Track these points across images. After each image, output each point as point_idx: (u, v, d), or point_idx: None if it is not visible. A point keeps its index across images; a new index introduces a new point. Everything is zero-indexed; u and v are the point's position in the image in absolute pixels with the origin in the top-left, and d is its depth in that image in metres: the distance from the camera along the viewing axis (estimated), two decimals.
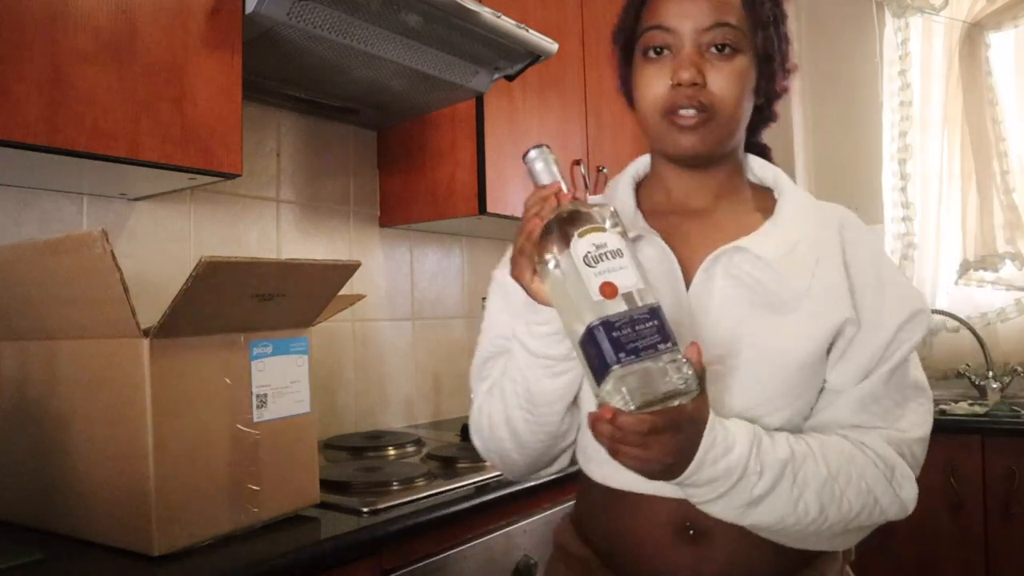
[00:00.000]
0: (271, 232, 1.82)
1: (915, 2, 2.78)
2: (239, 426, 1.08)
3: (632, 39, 0.87)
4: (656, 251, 0.84)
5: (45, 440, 1.10)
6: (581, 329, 0.65)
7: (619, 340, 0.62)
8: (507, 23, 1.55)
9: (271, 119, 1.83)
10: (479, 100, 1.86)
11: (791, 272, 0.81)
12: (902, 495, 0.79)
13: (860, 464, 0.78)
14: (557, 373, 0.81)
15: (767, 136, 0.97)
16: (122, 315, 0.96)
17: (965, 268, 2.70)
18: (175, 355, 1.01)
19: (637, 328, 0.63)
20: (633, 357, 0.62)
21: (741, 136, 0.88)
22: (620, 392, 0.63)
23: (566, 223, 0.68)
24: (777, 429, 0.80)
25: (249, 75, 1.42)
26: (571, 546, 0.92)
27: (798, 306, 0.80)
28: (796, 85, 2.89)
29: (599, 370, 0.64)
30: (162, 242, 1.60)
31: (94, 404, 1.04)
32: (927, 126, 2.83)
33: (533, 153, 0.75)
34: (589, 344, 0.64)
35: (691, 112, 0.81)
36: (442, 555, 1.24)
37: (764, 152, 0.97)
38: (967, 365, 2.65)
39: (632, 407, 0.63)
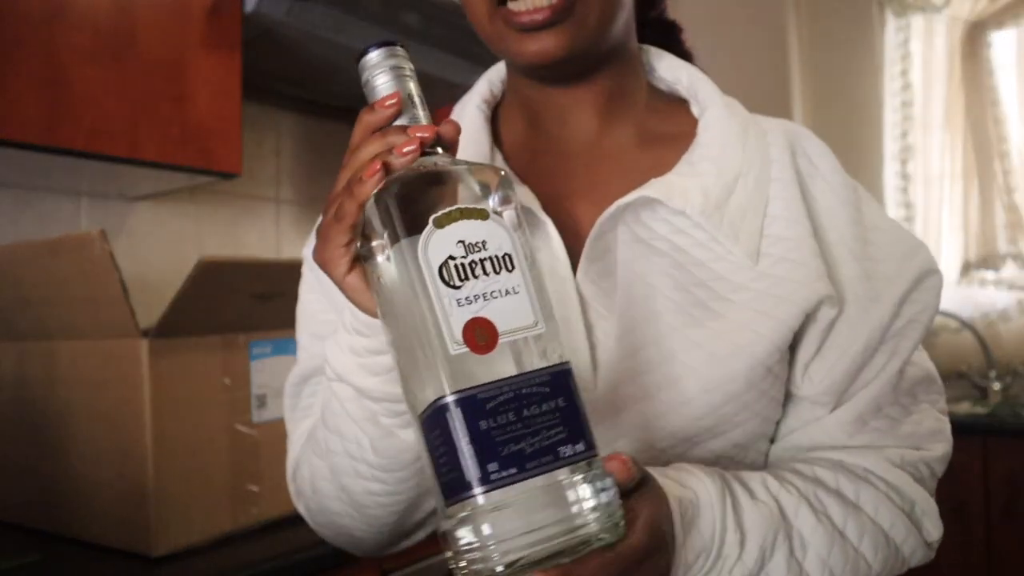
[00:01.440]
0: (271, 232, 1.82)
1: (916, 1, 2.78)
2: (239, 426, 1.08)
3: None
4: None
5: (44, 440, 1.09)
6: (424, 398, 0.39)
7: (490, 437, 0.37)
8: None
9: (271, 119, 1.82)
10: None
11: (731, 230, 0.54)
12: (925, 538, 0.57)
13: (871, 502, 0.54)
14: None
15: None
16: (121, 315, 0.96)
17: (967, 268, 2.70)
18: (174, 355, 1.01)
19: (526, 413, 0.37)
20: (514, 472, 0.36)
21: (628, 14, 0.58)
22: (479, 537, 0.37)
23: (417, 191, 0.41)
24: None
25: (249, 75, 1.42)
26: None
27: (745, 283, 0.54)
28: (796, 85, 2.88)
29: (450, 485, 0.38)
30: (162, 242, 1.59)
31: (93, 404, 1.04)
32: (928, 126, 2.82)
33: (374, 56, 0.44)
34: (435, 430, 0.38)
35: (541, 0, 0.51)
36: (442, 555, 1.23)
37: (670, 34, 0.66)
38: (969, 365, 2.64)
39: (499, 568, 0.37)
